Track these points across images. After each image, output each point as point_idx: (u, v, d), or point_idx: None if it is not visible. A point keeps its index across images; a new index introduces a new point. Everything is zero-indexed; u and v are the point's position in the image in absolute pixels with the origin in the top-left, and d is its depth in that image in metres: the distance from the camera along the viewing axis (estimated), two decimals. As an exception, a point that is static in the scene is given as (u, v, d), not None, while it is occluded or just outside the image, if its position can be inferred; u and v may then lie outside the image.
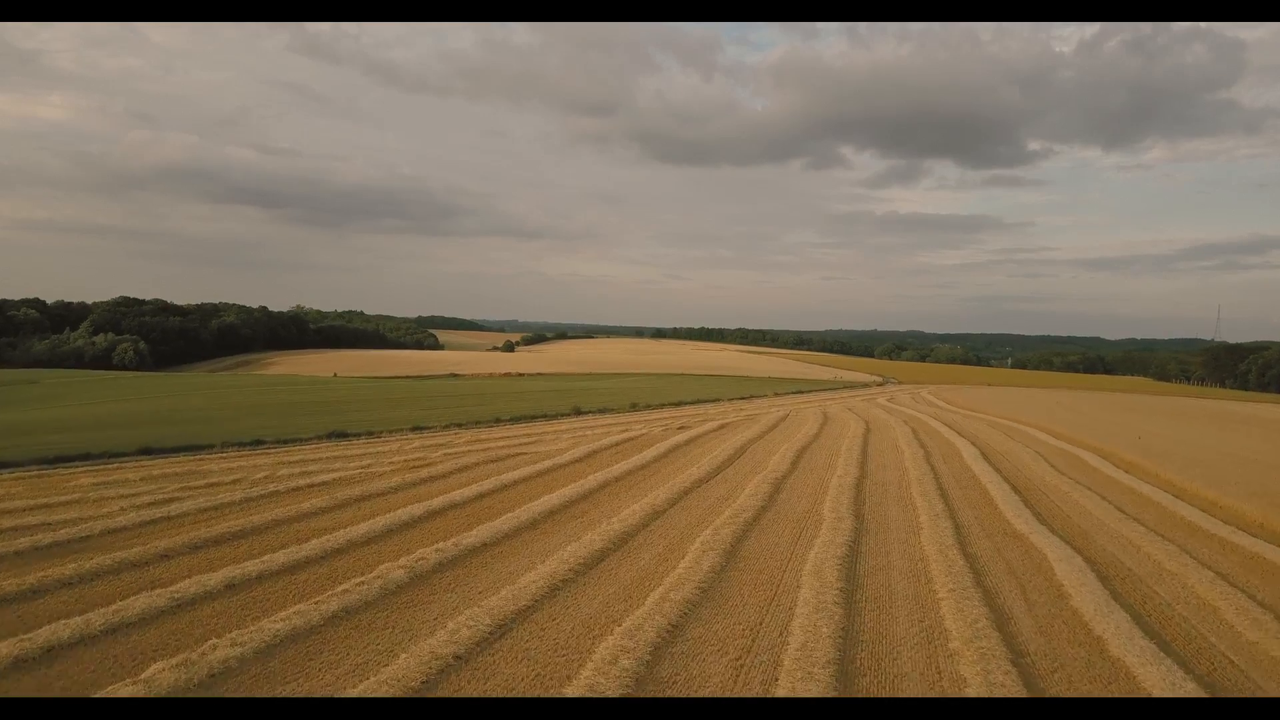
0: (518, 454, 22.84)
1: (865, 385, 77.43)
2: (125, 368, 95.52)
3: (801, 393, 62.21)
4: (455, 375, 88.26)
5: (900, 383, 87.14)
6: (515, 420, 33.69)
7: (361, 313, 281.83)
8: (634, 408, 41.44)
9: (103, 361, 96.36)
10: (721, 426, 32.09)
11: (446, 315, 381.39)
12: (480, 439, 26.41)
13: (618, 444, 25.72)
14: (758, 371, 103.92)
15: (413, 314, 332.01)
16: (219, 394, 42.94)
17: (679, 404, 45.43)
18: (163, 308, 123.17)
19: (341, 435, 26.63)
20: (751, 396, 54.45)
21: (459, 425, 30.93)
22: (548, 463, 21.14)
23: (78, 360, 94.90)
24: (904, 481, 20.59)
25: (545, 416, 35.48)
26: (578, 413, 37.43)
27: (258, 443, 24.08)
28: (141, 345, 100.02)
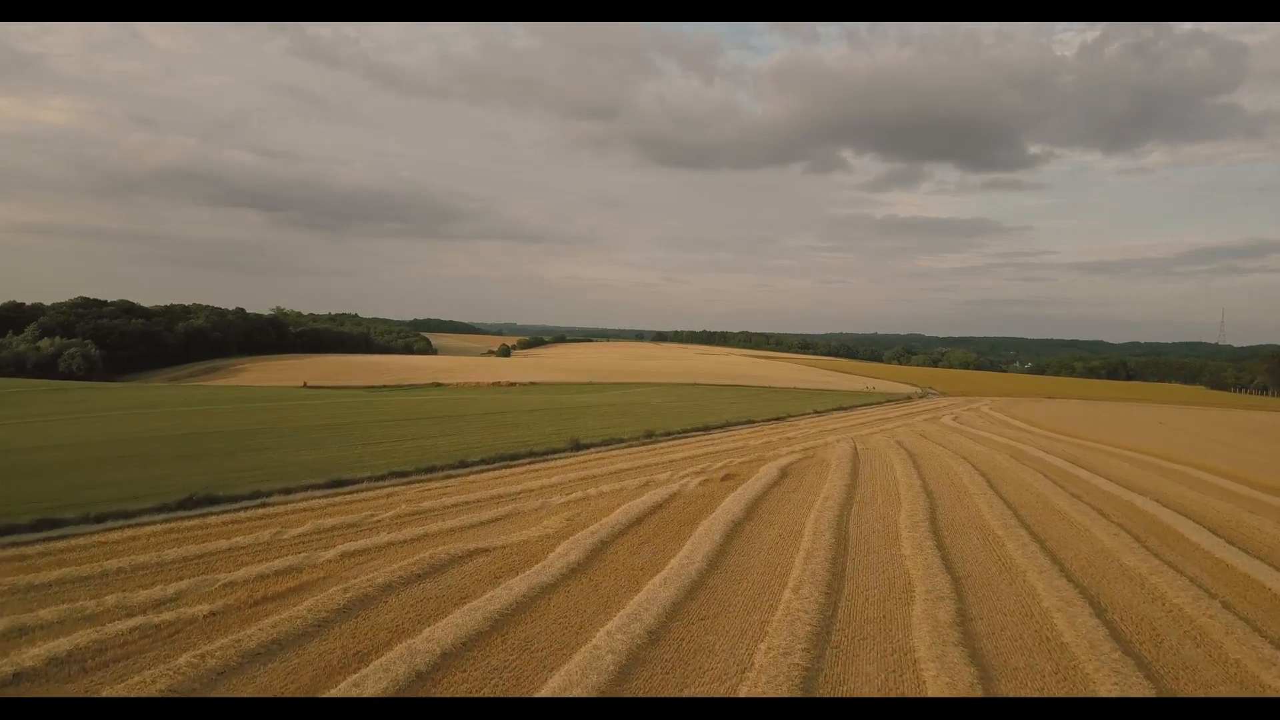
0: (474, 552, 13.21)
1: (907, 398, 67.63)
2: (73, 375, 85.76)
3: (844, 409, 52.63)
4: (439, 384, 78.57)
5: (943, 394, 77.13)
6: (489, 462, 24.06)
7: (356, 315, 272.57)
8: (650, 437, 31.81)
9: (48, 369, 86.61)
10: (783, 475, 22.44)
11: (443, 318, 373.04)
12: (422, 510, 16.73)
13: (640, 519, 16.12)
14: (778, 380, 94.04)
15: (410, 317, 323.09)
16: (112, 417, 33.31)
17: (706, 429, 35.81)
18: (126, 309, 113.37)
19: (208, 501, 17.01)
20: (789, 416, 44.88)
21: (403, 474, 21.30)
22: (519, 584, 11.51)
23: (19, 368, 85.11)
24: (1191, 624, 11.05)
25: (532, 455, 25.83)
26: (577, 447, 27.78)
27: (40, 526, 14.43)
28: (92, 350, 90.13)
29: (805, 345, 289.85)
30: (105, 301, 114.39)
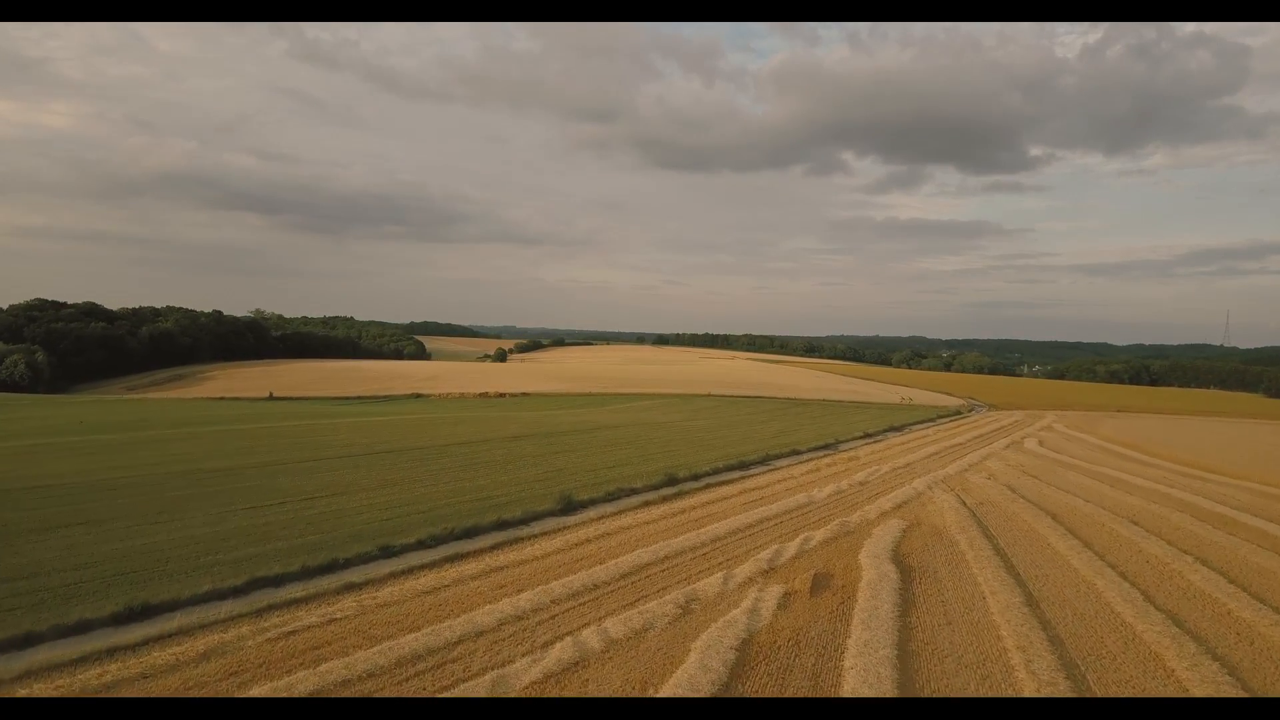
0: None
1: (956, 412, 58.49)
2: (15, 385, 77.05)
3: (896, 429, 43.91)
4: (419, 396, 69.78)
5: (992, 406, 67.94)
6: (431, 545, 15.36)
7: (350, 318, 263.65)
8: (672, 484, 23.11)
9: (-12, 377, 77.78)
10: (904, 574, 13.78)
11: (441, 321, 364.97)
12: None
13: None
14: (800, 390, 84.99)
15: (408, 320, 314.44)
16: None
17: (743, 466, 27.10)
18: (87, 311, 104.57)
19: None
20: (839, 442, 36.13)
21: (274, 583, 12.66)
22: None
23: (-46, 376, 76.26)
24: None
25: (501, 526, 17.13)
26: (569, 509, 19.05)
27: None
28: (39, 356, 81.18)
29: (811, 348, 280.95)
30: (64, 303, 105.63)
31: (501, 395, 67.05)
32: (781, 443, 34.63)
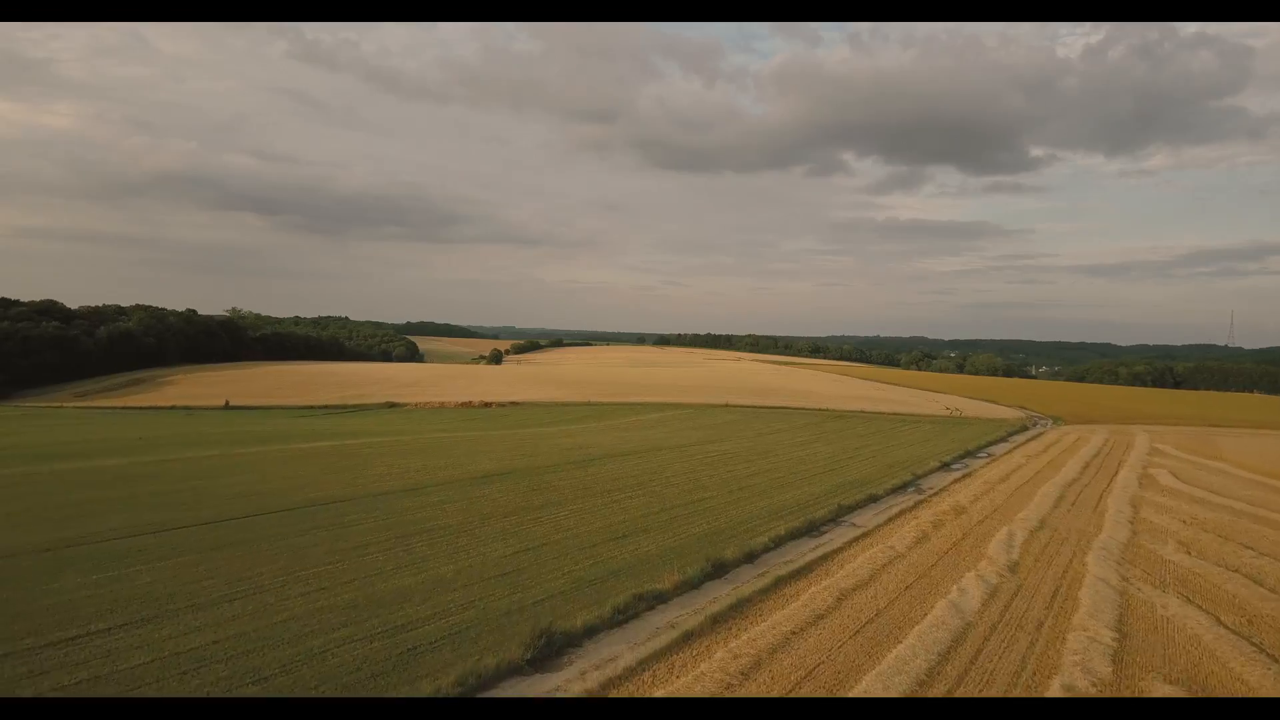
0: None
1: (1022, 427, 49.55)
2: (-58, 392, 68.56)
3: (972, 454, 35.10)
4: (393, 405, 61.16)
5: (1055, 419, 58.78)
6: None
7: (345, 318, 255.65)
8: (718, 571, 14.56)
9: (-87, 383, 69.31)
10: None
11: (438, 322, 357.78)
12: None
13: None
14: (827, 397, 76.21)
15: (405, 321, 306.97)
16: None
17: (814, 530, 18.55)
18: (42, 310, 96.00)
19: None
20: (915, 477, 27.48)
21: None
22: None
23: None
24: None
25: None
26: (547, 656, 10.42)
27: None
28: (-27, 360, 72.84)
29: (816, 349, 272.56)
30: (17, 301, 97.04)
31: (487, 405, 58.40)
32: (845, 479, 26.02)
